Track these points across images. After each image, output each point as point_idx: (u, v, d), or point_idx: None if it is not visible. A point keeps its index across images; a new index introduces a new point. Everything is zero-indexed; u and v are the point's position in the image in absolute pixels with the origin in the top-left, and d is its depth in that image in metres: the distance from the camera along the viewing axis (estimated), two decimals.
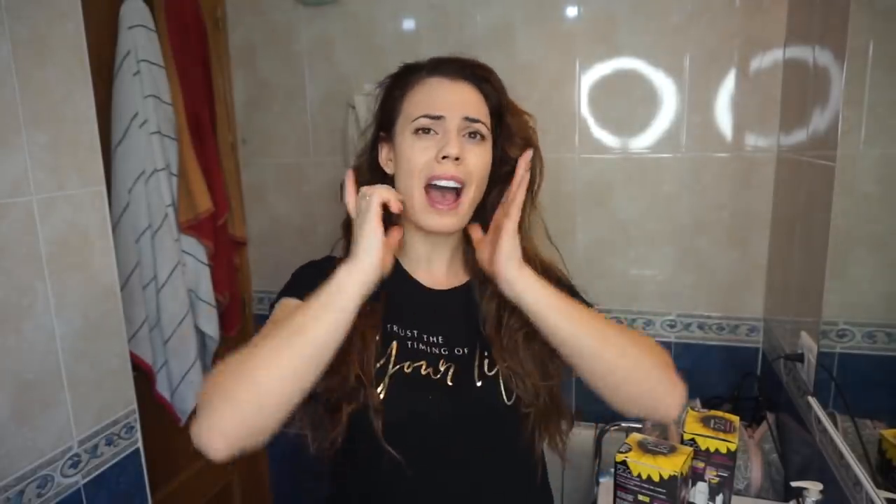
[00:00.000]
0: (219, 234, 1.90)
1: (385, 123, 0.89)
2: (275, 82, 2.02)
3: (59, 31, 1.07)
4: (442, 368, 0.83)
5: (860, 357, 1.10)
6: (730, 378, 1.74)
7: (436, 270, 0.92)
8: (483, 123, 0.85)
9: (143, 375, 1.61)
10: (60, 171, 1.07)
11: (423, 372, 0.83)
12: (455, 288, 0.91)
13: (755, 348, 1.77)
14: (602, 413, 1.90)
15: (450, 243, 0.91)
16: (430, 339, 0.86)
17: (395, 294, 0.86)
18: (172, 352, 1.73)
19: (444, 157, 0.81)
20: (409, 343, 0.84)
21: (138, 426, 1.24)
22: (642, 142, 1.76)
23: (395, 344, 0.84)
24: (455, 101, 0.84)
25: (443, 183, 0.82)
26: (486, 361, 0.85)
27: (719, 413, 1.19)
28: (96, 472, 1.15)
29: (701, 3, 1.65)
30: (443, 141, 0.82)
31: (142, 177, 1.64)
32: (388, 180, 0.88)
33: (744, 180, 1.70)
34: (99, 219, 1.15)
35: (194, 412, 0.73)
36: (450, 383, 0.83)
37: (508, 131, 0.89)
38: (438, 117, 0.82)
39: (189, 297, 1.76)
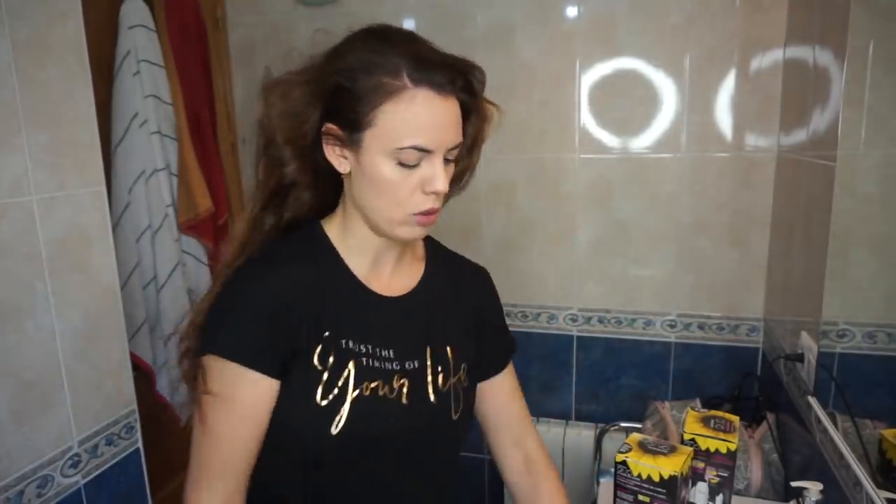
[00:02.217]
0: (219, 234, 1.90)
1: (342, 119, 0.73)
2: None
3: (59, 31, 1.07)
4: (396, 386, 0.78)
5: (860, 357, 1.10)
6: (730, 378, 1.74)
7: (382, 273, 0.83)
8: (460, 145, 0.77)
9: (143, 375, 1.61)
10: (60, 171, 1.07)
11: (380, 393, 0.77)
12: (404, 295, 0.84)
13: (755, 348, 1.77)
14: (602, 413, 1.91)
15: (400, 244, 0.84)
16: (383, 353, 0.79)
17: (344, 301, 0.79)
18: (172, 352, 1.73)
19: (429, 193, 0.74)
20: (365, 360, 0.77)
21: (138, 426, 1.24)
22: (642, 142, 1.76)
23: (351, 364, 0.76)
24: (445, 128, 0.72)
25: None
26: (439, 376, 0.82)
27: (719, 413, 1.19)
28: (96, 472, 1.15)
29: (701, 3, 1.65)
30: (427, 170, 0.72)
31: (142, 177, 1.64)
32: (330, 175, 0.78)
33: (744, 180, 1.70)
34: (99, 219, 1.15)
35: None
36: (405, 402, 0.78)
37: (474, 123, 0.81)
38: (429, 151, 0.72)
39: (189, 297, 1.76)
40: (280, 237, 0.82)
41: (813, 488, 1.02)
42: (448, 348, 0.85)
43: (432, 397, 0.81)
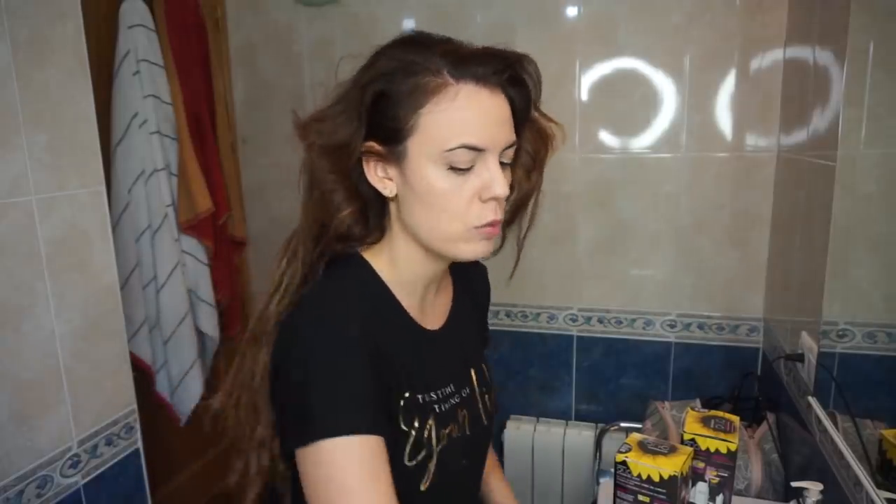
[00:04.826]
0: (219, 234, 1.90)
1: (383, 132, 0.67)
2: (275, 82, 2.02)
3: (59, 31, 1.07)
4: (461, 420, 0.76)
5: (861, 357, 1.10)
6: (730, 378, 1.74)
7: (427, 306, 0.77)
8: (514, 145, 0.69)
9: (143, 375, 1.61)
10: (60, 171, 1.07)
11: (454, 435, 0.73)
12: (444, 325, 0.80)
13: (755, 348, 1.77)
14: (602, 413, 1.91)
15: (443, 271, 0.78)
16: (446, 391, 0.75)
17: (408, 348, 0.72)
18: (172, 352, 1.73)
19: (489, 198, 0.66)
20: (438, 408, 0.72)
21: (138, 426, 1.24)
22: (643, 142, 1.76)
23: (431, 419, 0.70)
24: (494, 124, 0.65)
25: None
26: (486, 397, 0.82)
27: (719, 413, 1.19)
28: (96, 473, 1.15)
29: (701, 3, 1.65)
30: (482, 174, 0.65)
31: (142, 177, 1.64)
32: (376, 201, 0.71)
33: (744, 180, 1.70)
34: (99, 219, 1.15)
35: (195, 411, 0.73)
36: (468, 433, 0.77)
37: (531, 136, 0.74)
38: (481, 150, 0.65)
39: (189, 297, 1.77)
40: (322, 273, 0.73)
41: (813, 488, 1.02)
42: (483, 366, 0.84)
43: (484, 419, 0.80)
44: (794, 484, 1.04)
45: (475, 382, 0.80)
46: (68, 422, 1.09)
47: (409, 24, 1.86)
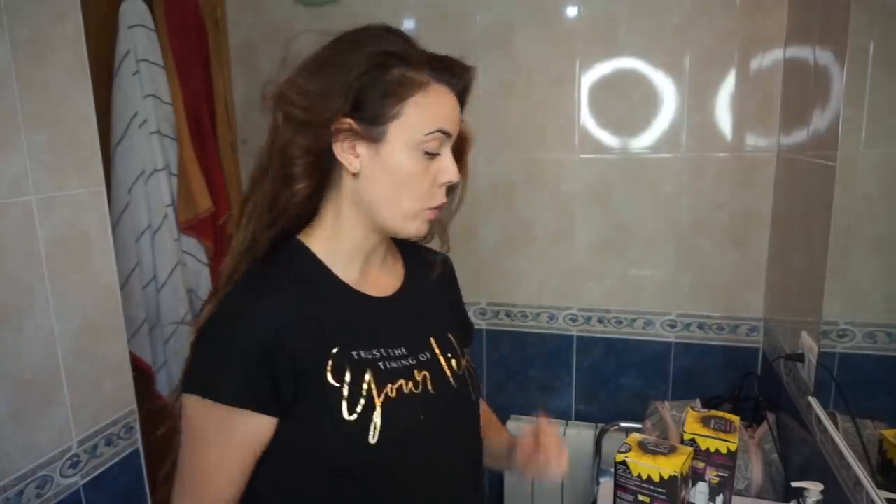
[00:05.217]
0: (219, 234, 1.90)
1: (365, 113, 0.72)
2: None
3: (59, 31, 1.07)
4: (419, 379, 0.79)
5: (861, 357, 1.10)
6: (730, 378, 1.74)
7: (371, 276, 0.83)
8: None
9: (143, 375, 1.61)
10: (60, 171, 1.07)
11: (405, 391, 0.77)
12: (395, 293, 0.85)
13: (755, 348, 1.77)
14: (602, 413, 1.91)
15: (384, 245, 0.85)
16: (395, 352, 0.79)
17: (343, 313, 0.78)
18: (172, 352, 1.73)
19: (443, 184, 0.77)
20: (382, 364, 0.76)
21: (138, 426, 1.24)
22: (642, 142, 1.76)
23: (368, 373, 0.75)
24: (456, 119, 0.77)
25: None
26: (451, 361, 0.84)
27: (719, 413, 1.19)
28: (96, 473, 1.15)
29: (701, 3, 1.65)
30: (443, 162, 0.76)
31: (141, 177, 1.64)
32: (334, 174, 0.77)
33: (744, 180, 1.70)
34: (99, 219, 1.15)
35: None
36: (432, 391, 0.79)
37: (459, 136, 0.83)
38: (450, 136, 0.76)
39: (189, 297, 1.76)
40: (268, 255, 0.78)
41: (813, 488, 1.02)
42: (449, 335, 0.87)
43: (453, 382, 0.82)
44: (795, 484, 1.05)
45: (437, 349, 0.84)
46: (68, 422, 1.09)
47: (408, 24, 1.86)
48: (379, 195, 0.75)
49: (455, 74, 0.77)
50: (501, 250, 1.91)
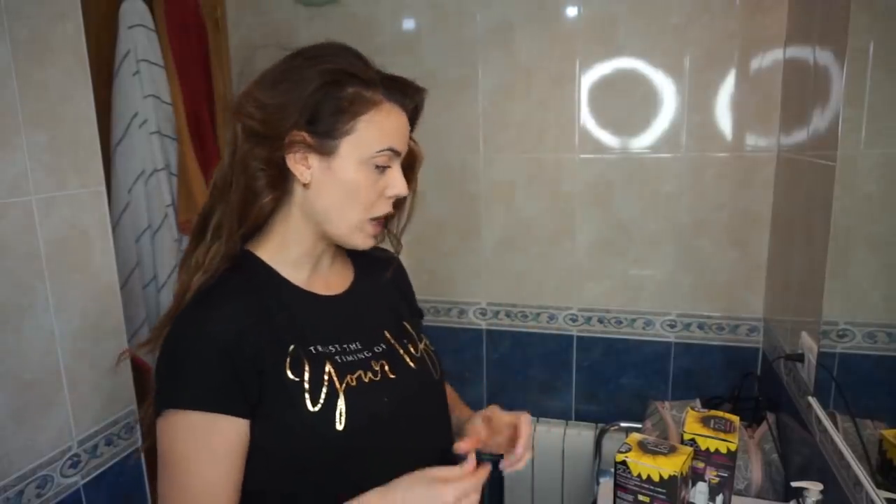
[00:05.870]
0: None
1: (318, 128, 0.75)
2: None
3: (59, 31, 1.07)
4: (377, 368, 0.82)
5: (861, 357, 1.10)
6: (730, 378, 1.74)
7: (320, 277, 0.86)
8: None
9: (143, 375, 1.61)
10: (60, 171, 1.07)
11: (365, 379, 0.80)
12: (346, 291, 0.89)
13: (755, 348, 1.77)
14: (602, 413, 1.91)
15: (333, 249, 0.88)
16: (351, 346, 0.82)
17: (296, 312, 0.81)
18: None
19: (391, 197, 0.81)
20: (339, 358, 0.80)
21: (138, 426, 1.24)
22: (642, 142, 1.76)
23: (328, 364, 0.78)
24: (405, 136, 0.81)
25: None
26: (409, 346, 0.88)
27: (719, 413, 1.19)
28: (96, 473, 1.15)
29: (701, 3, 1.65)
30: (391, 176, 0.80)
31: (142, 177, 1.64)
32: (288, 183, 0.79)
33: (744, 180, 1.70)
34: (99, 219, 1.15)
35: None
36: (392, 376, 0.82)
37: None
38: (398, 154, 0.80)
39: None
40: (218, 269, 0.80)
41: (813, 488, 1.02)
42: (404, 322, 0.91)
43: (412, 365, 0.86)
44: (794, 484, 1.05)
45: (392, 339, 0.87)
46: (68, 422, 1.09)
47: (408, 24, 1.86)
48: (327, 205, 0.79)
49: (407, 95, 0.81)
50: (501, 250, 1.91)
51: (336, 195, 0.78)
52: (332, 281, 0.88)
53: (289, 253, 0.82)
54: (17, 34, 0.99)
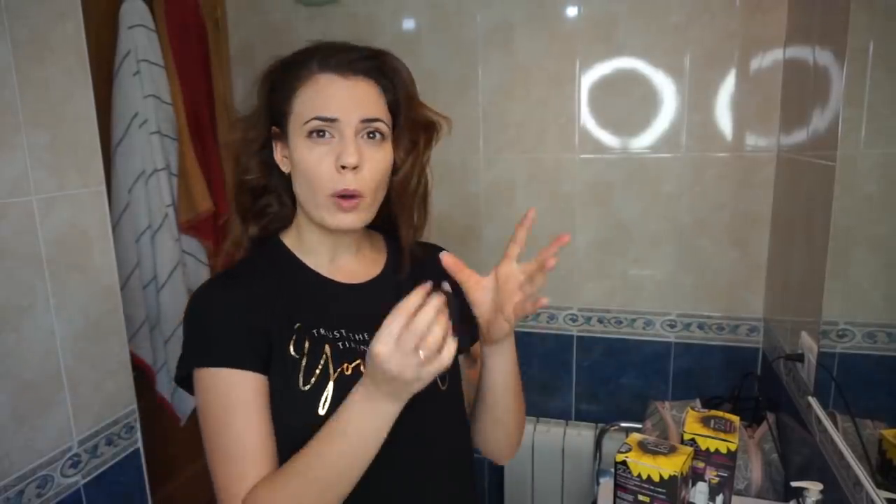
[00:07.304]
0: (219, 234, 1.90)
1: (276, 119, 0.82)
2: None
3: (59, 31, 1.07)
4: None
5: (861, 357, 1.10)
6: (730, 378, 1.74)
7: (343, 266, 0.87)
8: (382, 122, 0.80)
9: (143, 375, 1.61)
10: (60, 171, 1.07)
11: (362, 370, 0.76)
12: (368, 281, 0.88)
13: (755, 348, 1.77)
14: (602, 413, 1.91)
15: (353, 237, 0.88)
16: (357, 336, 0.82)
17: (310, 296, 0.83)
18: (172, 352, 1.73)
19: (342, 167, 0.77)
20: (341, 344, 0.80)
21: (138, 426, 1.24)
22: (642, 142, 1.76)
23: (327, 348, 0.79)
24: (349, 100, 0.78)
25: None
26: None
27: (719, 413, 1.19)
28: (96, 472, 1.15)
29: (701, 3, 1.65)
30: (340, 146, 0.77)
31: (142, 177, 1.64)
32: (285, 178, 0.85)
33: (744, 180, 1.70)
34: (99, 219, 1.15)
35: (194, 412, 0.73)
36: None
37: (409, 124, 0.85)
38: (332, 120, 0.77)
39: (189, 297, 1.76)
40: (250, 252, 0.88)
41: (813, 488, 1.02)
42: None
43: None
44: (794, 484, 1.05)
45: None
46: (68, 422, 1.09)
47: (408, 24, 1.86)
48: (298, 190, 0.82)
49: (343, 59, 0.79)
50: (501, 250, 1.90)
51: (298, 177, 0.81)
52: (357, 270, 0.88)
53: (305, 240, 0.86)
54: (17, 34, 0.99)
